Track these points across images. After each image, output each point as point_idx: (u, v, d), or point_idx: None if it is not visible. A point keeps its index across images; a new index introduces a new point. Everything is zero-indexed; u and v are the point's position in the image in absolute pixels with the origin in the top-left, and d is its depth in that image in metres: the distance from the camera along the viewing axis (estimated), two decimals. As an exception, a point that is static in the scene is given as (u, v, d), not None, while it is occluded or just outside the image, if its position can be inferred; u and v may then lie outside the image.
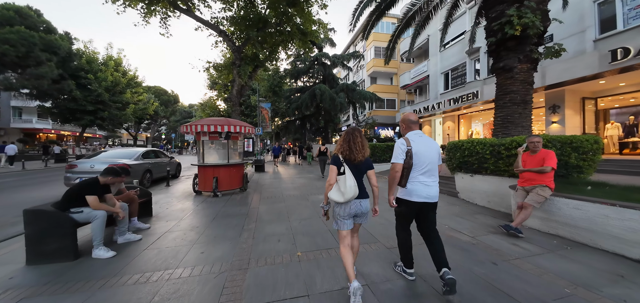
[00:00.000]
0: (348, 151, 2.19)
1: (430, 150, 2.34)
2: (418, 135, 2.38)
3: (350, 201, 2.15)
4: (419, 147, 2.29)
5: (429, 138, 2.44)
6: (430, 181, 2.33)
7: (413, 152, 2.27)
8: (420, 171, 2.29)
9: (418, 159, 2.27)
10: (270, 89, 20.07)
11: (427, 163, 2.30)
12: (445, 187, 7.04)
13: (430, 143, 2.39)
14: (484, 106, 14.39)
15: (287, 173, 12.21)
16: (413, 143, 2.30)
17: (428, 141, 2.39)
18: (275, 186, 8.49)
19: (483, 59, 14.35)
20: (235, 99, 10.72)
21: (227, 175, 6.77)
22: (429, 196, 2.31)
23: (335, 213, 2.26)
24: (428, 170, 2.31)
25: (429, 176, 2.32)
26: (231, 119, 6.73)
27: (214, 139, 6.77)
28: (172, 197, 6.72)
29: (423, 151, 2.29)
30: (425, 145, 2.33)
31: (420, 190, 2.28)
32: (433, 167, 2.34)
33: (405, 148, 2.29)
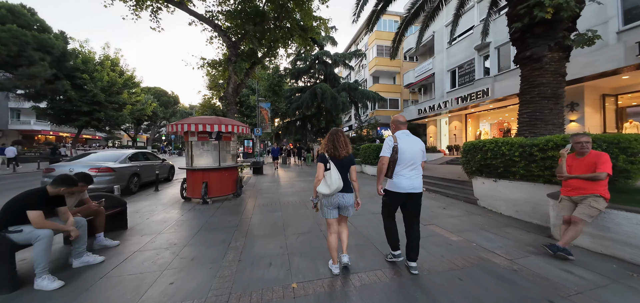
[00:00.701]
0: (333, 149, 2.49)
1: (414, 148, 2.64)
2: (405, 134, 2.68)
3: (335, 194, 2.46)
4: (404, 144, 2.60)
5: (414, 137, 2.70)
6: (414, 174, 2.62)
7: (399, 148, 2.58)
8: (405, 165, 2.59)
9: (402, 155, 2.58)
10: (269, 89, 19.42)
11: (410, 158, 2.60)
12: (461, 192, 6.32)
13: (414, 141, 2.69)
14: (494, 105, 13.63)
15: (287, 176, 11.54)
16: (399, 141, 2.62)
17: (413, 139, 2.69)
18: (273, 190, 7.81)
19: (493, 55, 13.61)
20: (231, 97, 10.05)
21: (219, 180, 6.10)
22: (413, 187, 2.59)
23: (322, 204, 2.57)
24: (411, 165, 2.61)
25: (412, 169, 2.61)
26: (223, 118, 6.06)
27: (203, 139, 6.10)
28: (157, 204, 6.06)
29: (407, 148, 2.60)
30: (410, 143, 2.63)
31: (404, 183, 2.58)
32: (416, 162, 2.64)
33: (392, 144, 2.61)
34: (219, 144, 6.15)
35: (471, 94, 13.61)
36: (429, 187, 7.44)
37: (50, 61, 18.85)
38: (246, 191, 7.70)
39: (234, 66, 9.73)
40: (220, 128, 5.73)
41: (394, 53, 9.29)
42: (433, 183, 7.68)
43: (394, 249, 2.81)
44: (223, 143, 6.39)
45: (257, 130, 19.60)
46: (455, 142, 17.35)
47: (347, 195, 2.52)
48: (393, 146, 2.60)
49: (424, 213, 5.12)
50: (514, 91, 11.58)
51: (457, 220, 4.55)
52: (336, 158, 2.48)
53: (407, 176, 2.59)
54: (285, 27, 10.70)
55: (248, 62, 11.01)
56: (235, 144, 6.73)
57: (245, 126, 6.49)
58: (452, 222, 4.45)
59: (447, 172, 9.15)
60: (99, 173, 6.82)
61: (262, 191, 7.81)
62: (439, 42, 17.80)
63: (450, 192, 6.58)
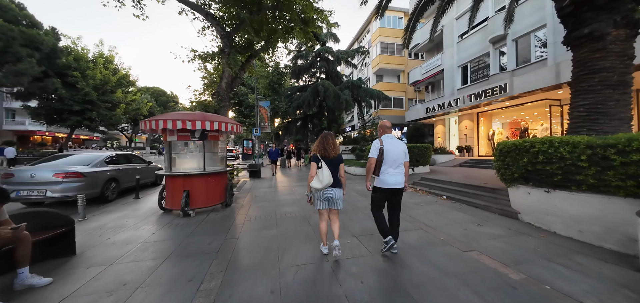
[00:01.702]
0: (323, 150, 2.94)
1: (398, 149, 3.07)
2: (390, 138, 3.13)
3: (326, 188, 2.88)
4: (389, 147, 3.03)
5: (398, 140, 3.14)
6: (397, 172, 3.06)
7: (384, 150, 3.01)
8: (390, 165, 3.02)
9: (387, 156, 3.01)
10: (269, 87, 18.44)
11: (394, 159, 3.03)
12: (493, 203, 5.28)
13: (398, 144, 3.12)
14: (510, 102, 12.57)
15: (286, 180, 10.53)
16: (385, 143, 3.06)
17: (397, 142, 3.12)
18: (269, 198, 6.80)
19: (511, 48, 12.55)
20: (225, 93, 9.07)
21: (203, 187, 5.10)
22: (396, 183, 3.04)
23: (315, 197, 3.01)
24: (395, 164, 3.04)
25: (396, 168, 3.05)
26: (208, 114, 5.06)
27: (184, 139, 5.10)
28: (130, 217, 5.06)
29: (392, 150, 3.03)
30: (394, 146, 3.07)
31: (389, 179, 3.02)
32: (399, 162, 3.07)
33: (379, 146, 3.05)
34: (203, 145, 5.15)
35: (486, 91, 12.57)
36: (451, 195, 6.40)
37: (39, 58, 17.98)
38: (238, 199, 6.69)
39: (228, 58, 8.75)
40: (204, 125, 4.73)
41: (406, 42, 8.29)
42: (455, 189, 6.64)
43: (384, 236, 3.09)
44: (209, 143, 5.40)
45: (256, 130, 18.65)
46: (466, 142, 16.28)
47: (336, 190, 2.94)
48: (379, 148, 3.00)
49: (456, 229, 4.11)
50: (535, 86, 10.55)
51: (504, 243, 3.52)
52: (326, 157, 2.89)
53: (392, 174, 3.01)
54: (285, 18, 9.72)
55: (244, 55, 10.04)
56: (224, 145, 5.72)
57: (236, 124, 5.49)
58: (498, 247, 3.41)
59: (468, 176, 8.11)
60: (66, 178, 5.85)
61: (258, 198, 6.80)
62: (448, 36, 16.77)
63: (479, 202, 5.54)
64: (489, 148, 15.86)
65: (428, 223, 4.40)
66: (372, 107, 25.97)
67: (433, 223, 4.42)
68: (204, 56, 9.53)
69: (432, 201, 6.14)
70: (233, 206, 5.83)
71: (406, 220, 4.56)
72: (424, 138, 23.39)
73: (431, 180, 8.07)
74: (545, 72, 10.17)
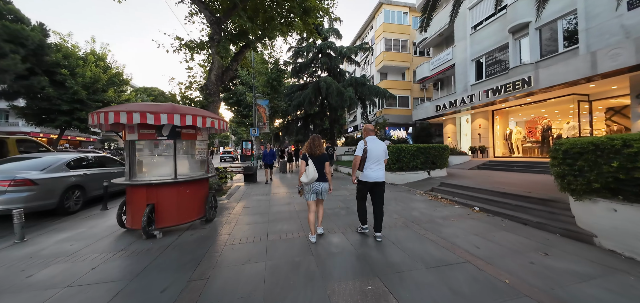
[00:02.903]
0: (310, 150, 3.48)
1: (379, 149, 3.58)
2: (373, 139, 3.65)
3: (312, 182, 3.40)
4: (371, 146, 3.56)
5: (379, 141, 3.67)
6: (378, 168, 3.57)
7: (368, 149, 3.54)
8: (372, 162, 3.55)
9: (370, 154, 3.53)
10: (268, 84, 17.30)
11: (376, 157, 3.55)
12: (549, 219, 4.08)
13: (379, 144, 3.63)
14: (533, 98, 11.34)
15: (283, 187, 9.36)
16: (368, 144, 3.58)
17: (379, 143, 3.64)
18: (263, 209, 5.63)
19: (534, 37, 11.34)
20: (214, 87, 7.93)
21: (174, 200, 3.94)
22: (377, 177, 3.54)
23: (304, 190, 3.52)
24: (377, 161, 3.56)
25: (377, 165, 3.56)
26: (179, 106, 3.90)
27: (147, 138, 3.94)
28: (78, 239, 3.91)
29: (374, 149, 3.56)
30: (376, 146, 3.59)
31: (371, 174, 3.54)
32: (380, 159, 3.58)
33: (363, 146, 3.57)
34: (174, 145, 3.99)
35: (506, 85, 11.36)
36: (485, 206, 5.20)
37: (24, 55, 16.96)
38: (225, 211, 5.53)
39: (218, 47, 7.62)
40: (172, 120, 3.57)
41: (425, 24, 7.11)
42: (488, 199, 5.44)
43: (363, 224, 3.79)
44: (182, 143, 4.24)
45: (253, 130, 17.51)
46: (480, 142, 15.06)
47: (322, 183, 3.50)
48: (364, 147, 3.57)
49: (517, 263, 2.83)
50: (565, 78, 9.32)
51: (604, 291, 2.34)
52: (313, 155, 3.46)
53: (374, 169, 3.56)
54: (283, 6, 8.61)
55: (236, 44, 8.90)
56: (204, 145, 4.56)
57: (219, 119, 4.34)
58: (599, 298, 2.23)
59: (498, 182, 6.90)
60: (11, 187, 4.73)
61: (249, 210, 5.64)
62: (460, 28, 15.58)
63: (528, 217, 4.34)
64: (505, 148, 14.63)
65: (473, 251, 3.22)
66: (376, 106, 24.83)
67: (481, 251, 3.24)
68: (192, 46, 8.39)
69: (464, 214, 4.95)
70: (216, 222, 4.66)
71: (440, 245, 3.38)
72: (431, 138, 22.15)
73: (453, 186, 6.88)
74: (578, 63, 8.96)
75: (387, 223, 4.37)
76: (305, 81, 21.97)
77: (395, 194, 6.98)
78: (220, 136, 59.53)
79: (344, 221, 4.62)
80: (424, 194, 6.86)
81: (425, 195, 6.72)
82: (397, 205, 5.68)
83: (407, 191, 7.30)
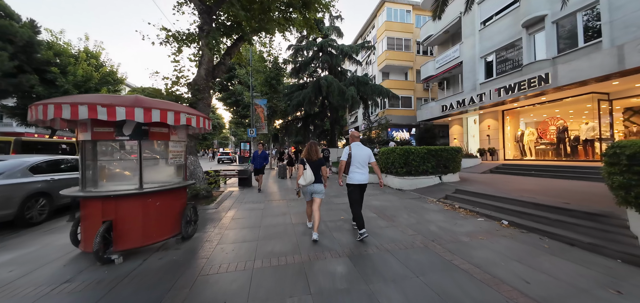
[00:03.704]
0: (308, 155, 3.82)
1: (363, 154, 3.88)
2: (357, 145, 3.94)
3: (309, 184, 3.76)
4: (356, 151, 3.87)
5: (364, 146, 3.99)
6: (362, 171, 3.85)
7: (352, 154, 3.85)
8: (356, 166, 3.84)
9: (354, 159, 3.84)
10: (266, 83, 16.54)
11: (360, 161, 3.85)
12: (604, 240, 3.28)
13: (363, 149, 3.94)
14: (548, 97, 10.55)
15: (280, 192, 8.58)
16: (353, 149, 3.89)
17: (363, 148, 3.94)
18: (253, 222, 4.85)
19: (550, 31, 10.56)
20: (204, 83, 7.18)
21: (139, 215, 3.17)
22: (361, 180, 3.82)
23: (302, 191, 3.90)
24: (361, 165, 3.85)
25: (361, 168, 3.85)
26: (144, 99, 3.12)
27: (103, 138, 3.17)
28: (20, 263, 3.14)
29: (358, 154, 3.86)
30: (360, 151, 3.89)
31: (356, 177, 3.82)
32: (364, 163, 3.87)
33: (348, 151, 3.89)
34: (139, 148, 3.21)
35: (520, 83, 10.59)
36: (515, 219, 4.41)
37: (12, 52, 16.28)
38: (208, 224, 4.74)
39: (208, 38, 6.86)
40: (131, 115, 2.80)
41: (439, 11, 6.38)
42: (518, 211, 4.64)
43: (360, 228, 3.71)
44: (152, 144, 3.48)
45: (251, 131, 16.75)
46: (489, 144, 14.26)
47: (318, 185, 3.84)
48: (349, 153, 3.87)
49: None
50: (589, 75, 8.52)
51: None
52: (310, 160, 3.79)
53: (358, 172, 3.83)
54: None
55: (229, 37, 8.15)
56: (181, 147, 3.78)
57: (198, 115, 3.56)
58: None
59: (525, 189, 6.09)
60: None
61: (237, 222, 4.86)
62: (468, 24, 14.81)
63: (577, 237, 3.55)
64: (516, 150, 13.84)
65: (523, 289, 2.43)
66: (378, 106, 24.04)
67: (533, 288, 2.44)
68: (180, 38, 7.64)
69: (491, 230, 4.16)
70: (196, 239, 3.88)
71: (475, 277, 2.60)
72: (435, 140, 21.34)
73: (471, 194, 6.09)
74: (603, 58, 8.18)
75: (403, 243, 3.59)
76: (305, 81, 21.23)
77: (405, 202, 6.19)
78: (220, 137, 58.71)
79: (348, 238, 3.84)
80: (438, 202, 6.07)
81: (440, 204, 5.92)
82: (410, 217, 4.88)
83: (418, 199, 6.51)
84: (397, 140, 24.07)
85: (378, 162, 9.90)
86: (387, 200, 6.44)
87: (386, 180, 8.79)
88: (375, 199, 6.62)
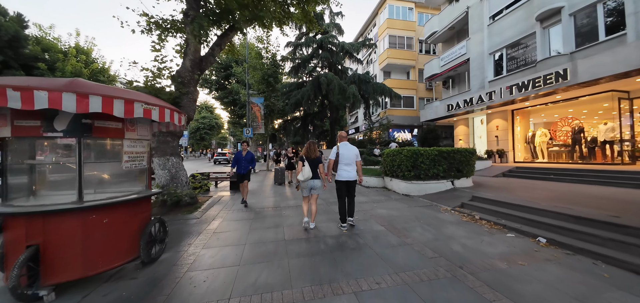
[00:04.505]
0: (307, 153, 4.17)
1: (350, 153, 4.24)
2: (344, 144, 4.32)
3: (308, 180, 4.12)
4: (343, 151, 4.25)
5: (351, 145, 4.33)
6: (349, 169, 4.21)
7: (340, 153, 4.24)
8: (343, 164, 4.22)
9: (342, 158, 4.22)
10: (263, 80, 15.77)
11: (347, 160, 4.21)
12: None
13: (350, 148, 4.29)
14: (564, 95, 9.83)
15: (274, 198, 7.80)
16: (340, 148, 4.28)
17: (350, 147, 4.30)
18: (237, 239, 4.06)
19: (567, 24, 9.83)
20: (189, 75, 6.41)
21: (78, 238, 2.39)
22: (349, 177, 4.18)
23: (301, 186, 4.24)
24: (347, 163, 4.21)
25: (348, 166, 4.21)
26: (83, 83, 2.34)
27: (27, 134, 2.39)
28: None
29: (345, 153, 4.23)
30: (347, 150, 4.26)
31: (344, 174, 4.20)
32: (351, 162, 4.23)
33: (336, 151, 4.28)
34: (78, 147, 2.43)
35: (534, 80, 9.86)
36: (558, 237, 3.64)
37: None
38: (183, 240, 3.97)
39: (193, 25, 6.08)
40: (59, 103, 2.03)
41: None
42: (560, 226, 3.86)
43: (343, 222, 4.27)
44: (98, 144, 2.70)
45: (247, 130, 15.98)
46: (498, 146, 13.52)
47: (316, 181, 4.17)
48: (337, 152, 4.25)
49: None
50: (613, 70, 7.77)
51: None
52: (309, 158, 4.14)
53: (345, 170, 4.20)
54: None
55: (219, 26, 7.37)
56: (142, 147, 3.00)
57: (162, 105, 2.79)
58: None
59: (553, 197, 5.31)
60: None
61: (218, 237, 4.08)
62: (475, 19, 14.09)
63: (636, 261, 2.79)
64: (527, 152, 13.10)
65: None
66: (380, 105, 23.28)
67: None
68: (165, 25, 6.85)
69: (528, 250, 3.39)
70: (162, 263, 3.10)
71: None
72: (438, 141, 20.56)
73: (491, 202, 5.33)
74: (629, 52, 7.46)
75: (424, 271, 2.82)
76: (304, 80, 20.46)
77: (416, 211, 5.41)
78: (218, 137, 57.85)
79: (355, 265, 3.06)
80: (454, 212, 5.30)
81: (457, 214, 5.16)
82: (426, 232, 4.11)
83: (430, 207, 5.74)
84: (398, 141, 23.29)
85: (382, 164, 9.15)
86: (394, 208, 5.68)
87: (390, 184, 8.02)
88: (381, 207, 5.85)
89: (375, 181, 8.68)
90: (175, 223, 4.71)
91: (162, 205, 5.41)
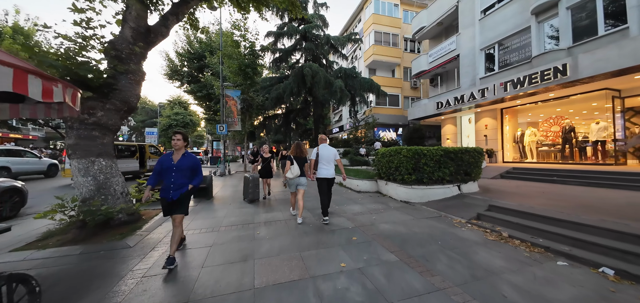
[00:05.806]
0: (295, 152, 4.73)
1: (328, 153, 4.62)
2: (324, 146, 4.69)
3: (295, 177, 4.64)
4: (322, 151, 4.62)
5: (329, 146, 4.71)
6: (328, 167, 4.59)
7: (319, 153, 4.60)
8: (323, 163, 4.58)
9: (321, 157, 4.60)
10: (240, 71, 14.09)
11: (326, 159, 4.60)
12: None
13: (329, 149, 4.67)
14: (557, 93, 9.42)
15: (243, 215, 6.37)
16: (320, 149, 4.63)
17: (329, 148, 4.68)
18: (183, 289, 2.67)
19: (564, 18, 9.39)
20: (128, 48, 4.77)
21: None
22: (327, 174, 4.57)
23: (288, 183, 4.78)
24: (326, 162, 4.59)
25: (326, 164, 4.59)
26: None
27: None
28: None
29: (324, 153, 4.60)
30: (326, 151, 4.63)
31: (323, 172, 4.57)
32: (330, 161, 4.62)
33: (316, 151, 4.63)
34: None
35: (531, 76, 9.31)
36: (627, 267, 2.68)
37: None
38: (87, 299, 2.48)
39: (135, -18, 4.48)
40: None
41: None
42: (628, 252, 2.92)
43: (325, 215, 4.60)
44: None
45: (221, 127, 14.21)
46: (487, 145, 13.09)
47: (302, 178, 4.71)
48: (317, 153, 4.60)
49: None
50: (616, 65, 7.28)
51: None
52: (297, 157, 4.68)
53: (325, 168, 4.57)
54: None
55: (176, -11, 5.76)
56: None
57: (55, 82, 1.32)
58: None
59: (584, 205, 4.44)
60: None
61: (146, 292, 2.64)
62: (466, 13, 13.54)
63: None
64: (516, 152, 12.79)
65: None
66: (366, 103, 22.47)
67: None
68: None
69: (605, 292, 2.38)
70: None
71: None
72: (423, 141, 20.13)
73: (514, 213, 4.37)
74: (635, 45, 7.01)
75: None
76: (285, 74, 18.98)
77: (425, 225, 4.30)
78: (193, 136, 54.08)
79: None
80: (473, 226, 4.27)
81: (477, 229, 4.12)
82: (454, 263, 2.98)
83: (439, 219, 4.68)
84: (383, 140, 22.61)
85: (375, 165, 8.05)
86: (398, 221, 4.55)
87: (386, 189, 6.94)
88: (382, 219, 4.69)
89: (368, 186, 7.55)
90: (92, 257, 3.17)
91: (81, 227, 3.80)
